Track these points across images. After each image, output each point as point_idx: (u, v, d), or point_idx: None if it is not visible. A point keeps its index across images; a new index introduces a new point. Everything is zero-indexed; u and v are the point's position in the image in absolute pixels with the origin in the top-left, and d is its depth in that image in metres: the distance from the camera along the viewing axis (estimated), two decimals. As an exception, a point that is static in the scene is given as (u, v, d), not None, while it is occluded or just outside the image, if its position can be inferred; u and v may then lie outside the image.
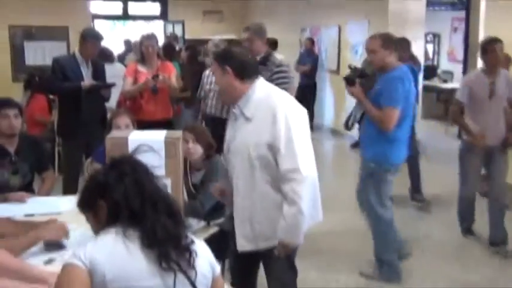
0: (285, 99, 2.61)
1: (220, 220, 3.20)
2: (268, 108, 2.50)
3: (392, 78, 3.69)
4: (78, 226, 2.66)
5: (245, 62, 2.60)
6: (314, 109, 10.42)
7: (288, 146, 2.43)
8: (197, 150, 3.35)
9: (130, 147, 2.33)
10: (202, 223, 3.15)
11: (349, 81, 3.88)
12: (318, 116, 10.49)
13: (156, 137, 2.38)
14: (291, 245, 2.54)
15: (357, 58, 9.12)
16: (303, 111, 2.64)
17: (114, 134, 2.47)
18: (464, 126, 4.59)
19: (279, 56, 4.61)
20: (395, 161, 3.84)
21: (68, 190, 4.65)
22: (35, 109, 6.38)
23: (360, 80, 3.96)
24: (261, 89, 2.60)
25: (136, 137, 2.37)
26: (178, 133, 2.49)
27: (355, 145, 8.82)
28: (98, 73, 5.05)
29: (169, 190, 2.33)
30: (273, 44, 11.12)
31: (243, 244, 2.61)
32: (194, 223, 3.09)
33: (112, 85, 5.10)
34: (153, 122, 4.88)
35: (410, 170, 5.83)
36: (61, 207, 3.16)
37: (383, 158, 3.79)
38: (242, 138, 2.55)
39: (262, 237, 2.59)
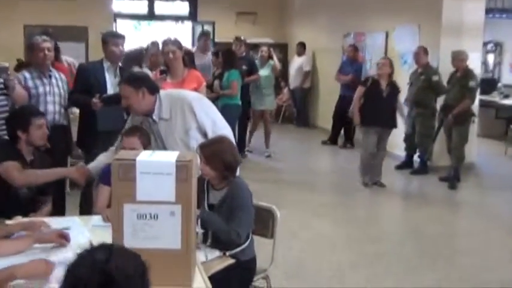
0: (185, 92, 3.99)
1: (237, 250, 3.23)
2: (182, 104, 3.66)
3: None
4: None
5: (152, 81, 3.88)
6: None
7: (213, 124, 3.70)
8: (207, 172, 3.25)
9: (139, 169, 2.36)
10: (217, 253, 3.17)
11: None
12: (359, 131, 10.40)
13: (167, 158, 2.40)
14: None
15: (405, 68, 9.03)
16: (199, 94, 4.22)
17: (122, 155, 2.51)
18: None
19: None
20: None
21: (84, 204, 4.76)
22: None
23: None
24: (162, 94, 3.71)
25: (145, 158, 2.39)
26: (191, 155, 2.50)
27: (401, 166, 8.74)
28: None
29: (179, 218, 2.37)
30: (301, 46, 12.10)
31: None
32: (209, 254, 3.12)
33: None
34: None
35: None
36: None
37: None
38: (170, 134, 3.67)
39: None
